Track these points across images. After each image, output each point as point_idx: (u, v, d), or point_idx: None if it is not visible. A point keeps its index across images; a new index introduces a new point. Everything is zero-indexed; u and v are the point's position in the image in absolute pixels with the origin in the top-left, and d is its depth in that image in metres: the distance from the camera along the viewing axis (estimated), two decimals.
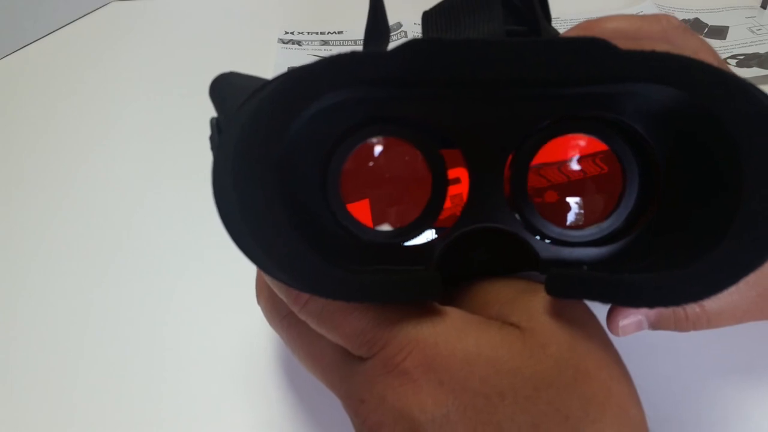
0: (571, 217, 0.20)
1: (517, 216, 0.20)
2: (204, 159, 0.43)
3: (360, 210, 0.20)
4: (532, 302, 0.19)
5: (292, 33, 0.57)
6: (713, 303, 0.22)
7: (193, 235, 0.37)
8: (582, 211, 0.20)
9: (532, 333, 0.18)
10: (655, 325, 0.22)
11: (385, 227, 0.20)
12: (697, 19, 0.55)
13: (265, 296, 0.24)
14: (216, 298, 0.34)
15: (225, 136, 0.17)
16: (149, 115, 0.48)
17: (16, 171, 0.44)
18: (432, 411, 0.18)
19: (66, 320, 0.33)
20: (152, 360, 0.31)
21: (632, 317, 0.22)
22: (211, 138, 0.21)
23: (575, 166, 0.20)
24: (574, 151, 0.20)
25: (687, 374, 0.29)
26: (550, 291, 0.19)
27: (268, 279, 0.22)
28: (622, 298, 0.17)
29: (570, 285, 0.18)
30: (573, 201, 0.20)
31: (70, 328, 0.33)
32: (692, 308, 0.22)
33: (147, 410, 0.29)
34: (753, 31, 0.53)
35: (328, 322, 0.20)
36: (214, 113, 0.24)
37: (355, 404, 0.20)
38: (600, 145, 0.20)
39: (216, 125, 0.21)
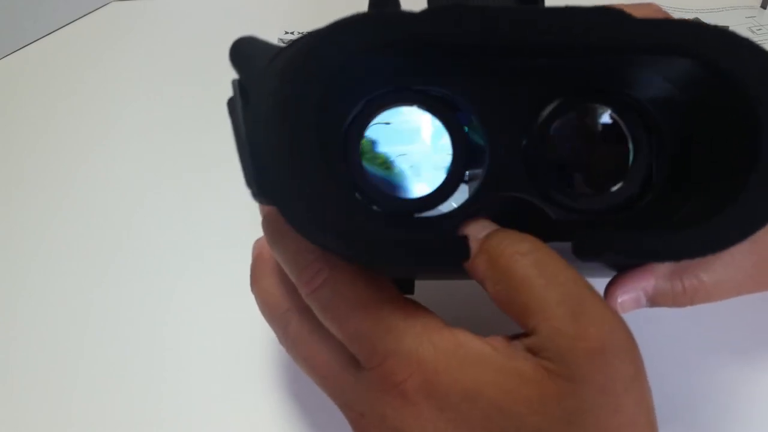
0: (587, 186, 0.21)
1: (535, 186, 0.20)
2: (203, 159, 0.43)
3: (380, 178, 0.20)
4: (573, 339, 0.17)
5: (293, 33, 0.56)
6: (710, 275, 0.22)
7: (193, 235, 0.37)
8: (597, 180, 0.21)
9: (554, 381, 0.17)
10: (653, 300, 0.22)
11: (405, 196, 0.20)
12: (697, 19, 0.55)
13: (263, 286, 0.23)
14: (216, 298, 0.34)
15: (259, 86, 0.17)
16: (149, 115, 0.48)
17: (16, 171, 0.44)
18: None
19: (66, 320, 0.33)
20: (152, 360, 0.31)
21: (631, 292, 0.21)
22: (231, 102, 0.21)
23: (589, 136, 0.21)
24: (588, 122, 0.20)
25: (683, 366, 0.29)
26: (576, 253, 0.18)
27: (279, 255, 0.21)
28: (647, 251, 0.18)
29: (596, 244, 0.18)
30: (589, 170, 0.21)
31: (70, 328, 0.33)
32: (690, 281, 0.22)
33: (147, 410, 0.29)
34: (753, 31, 0.53)
35: (335, 313, 0.20)
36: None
37: (355, 417, 0.20)
38: (613, 117, 0.20)
39: (239, 86, 0.21)
